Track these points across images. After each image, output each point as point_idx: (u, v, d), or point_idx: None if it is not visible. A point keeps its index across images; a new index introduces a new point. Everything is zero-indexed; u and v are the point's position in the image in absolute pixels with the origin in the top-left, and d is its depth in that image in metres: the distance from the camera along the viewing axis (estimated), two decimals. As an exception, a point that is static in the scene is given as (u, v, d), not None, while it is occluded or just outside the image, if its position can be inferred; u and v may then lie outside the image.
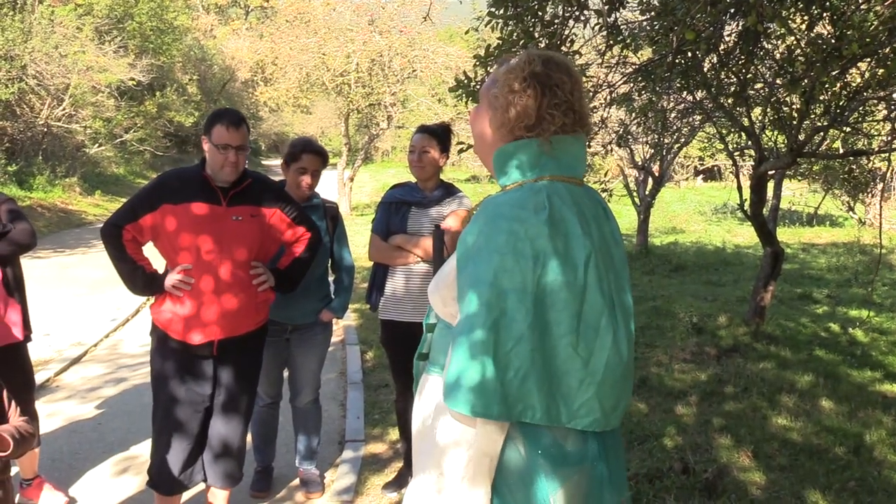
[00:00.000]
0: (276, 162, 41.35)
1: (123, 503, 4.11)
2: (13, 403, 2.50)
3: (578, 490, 1.64)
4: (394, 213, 3.97)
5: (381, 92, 20.51)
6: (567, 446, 1.65)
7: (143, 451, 4.76)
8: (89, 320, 8.25)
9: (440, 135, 3.92)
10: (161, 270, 3.35)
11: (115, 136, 24.12)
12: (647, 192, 14.07)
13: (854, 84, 5.69)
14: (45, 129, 20.14)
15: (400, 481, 4.21)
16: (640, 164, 13.85)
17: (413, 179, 4.07)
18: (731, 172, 18.90)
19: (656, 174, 13.65)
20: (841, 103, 5.62)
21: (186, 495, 3.64)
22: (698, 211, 23.64)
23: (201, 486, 3.57)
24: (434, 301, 1.88)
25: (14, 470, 3.33)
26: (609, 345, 1.67)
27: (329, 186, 22.08)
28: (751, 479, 4.29)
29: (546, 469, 1.63)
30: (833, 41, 4.81)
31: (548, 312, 1.61)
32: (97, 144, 23.26)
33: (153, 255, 3.36)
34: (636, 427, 4.99)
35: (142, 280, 3.27)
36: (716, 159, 18.55)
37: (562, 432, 1.65)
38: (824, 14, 5.11)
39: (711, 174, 33.90)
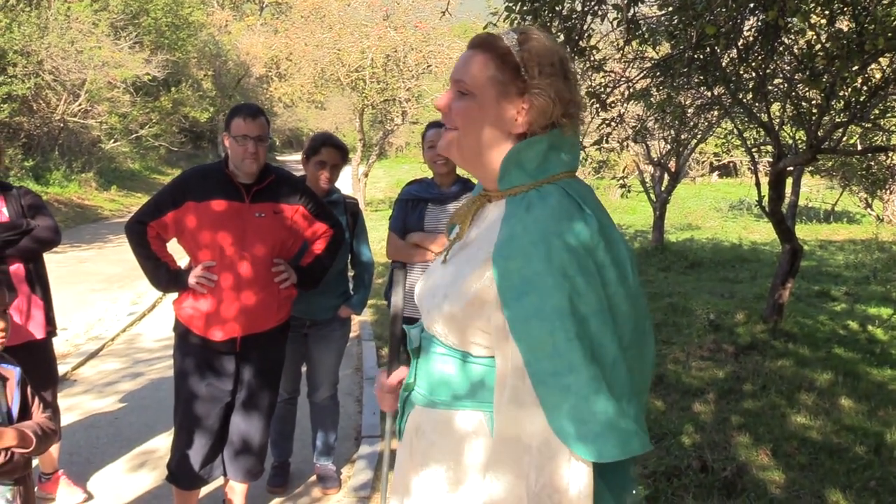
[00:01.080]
0: (290, 157, 41.48)
1: (141, 497, 4.12)
2: (36, 399, 2.50)
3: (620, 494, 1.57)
4: (411, 211, 3.96)
5: (395, 87, 20.49)
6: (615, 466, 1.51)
7: (160, 445, 4.77)
8: (106, 315, 8.29)
9: None
10: (184, 266, 3.36)
11: (130, 131, 24.26)
12: (662, 189, 14.01)
13: (875, 80, 5.64)
14: (62, 125, 20.25)
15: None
16: (656, 159, 13.79)
17: (429, 175, 4.06)
18: (748, 168, 18.81)
19: (672, 170, 13.59)
20: (862, 99, 5.57)
21: (204, 489, 3.64)
22: (714, 207, 23.54)
23: (219, 479, 3.58)
24: (445, 327, 1.62)
25: (33, 463, 3.34)
26: (651, 348, 1.59)
27: (344, 182, 22.08)
28: (770, 477, 4.26)
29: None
30: (854, 36, 4.76)
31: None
32: (113, 140, 23.39)
33: (177, 251, 3.36)
34: (654, 425, 4.96)
35: (165, 277, 3.29)
36: (732, 155, 18.47)
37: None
38: (846, 9, 5.06)
39: (726, 170, 33.76)
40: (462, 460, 1.59)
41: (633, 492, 1.62)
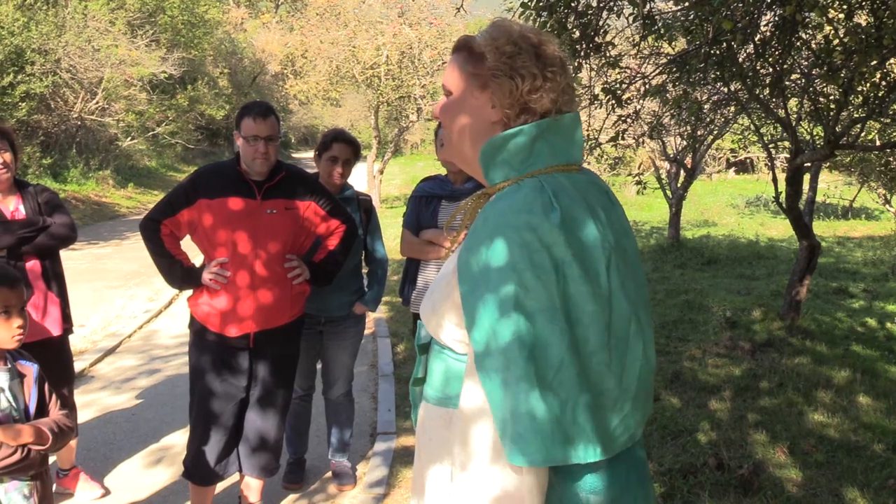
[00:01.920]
0: (305, 155, 41.59)
1: (158, 493, 4.14)
2: (54, 396, 2.52)
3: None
4: (424, 207, 3.96)
5: (410, 84, 20.49)
6: (600, 469, 1.47)
7: (176, 441, 4.80)
8: (123, 311, 8.34)
9: None
10: (198, 264, 3.38)
11: (147, 129, 24.39)
12: (679, 185, 13.93)
13: (894, 74, 5.58)
14: (79, 123, 20.37)
15: (432, 475, 4.19)
16: (672, 156, 13.72)
17: (443, 172, 4.06)
18: (765, 164, 18.70)
19: (688, 166, 13.51)
20: (880, 94, 5.52)
21: (220, 485, 3.66)
22: (730, 204, 23.41)
23: (235, 476, 3.60)
24: (428, 323, 1.65)
25: (51, 459, 3.37)
26: (640, 355, 1.51)
27: (359, 179, 22.16)
28: (787, 475, 4.23)
29: (580, 497, 1.47)
30: (873, 31, 4.72)
31: (574, 329, 1.40)
32: (130, 137, 23.52)
33: (191, 249, 3.38)
34: (669, 422, 4.94)
35: (179, 274, 3.31)
36: (749, 151, 18.35)
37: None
38: (864, 3, 5.02)
39: (743, 167, 33.55)
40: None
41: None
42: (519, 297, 1.36)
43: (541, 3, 4.84)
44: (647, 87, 6.27)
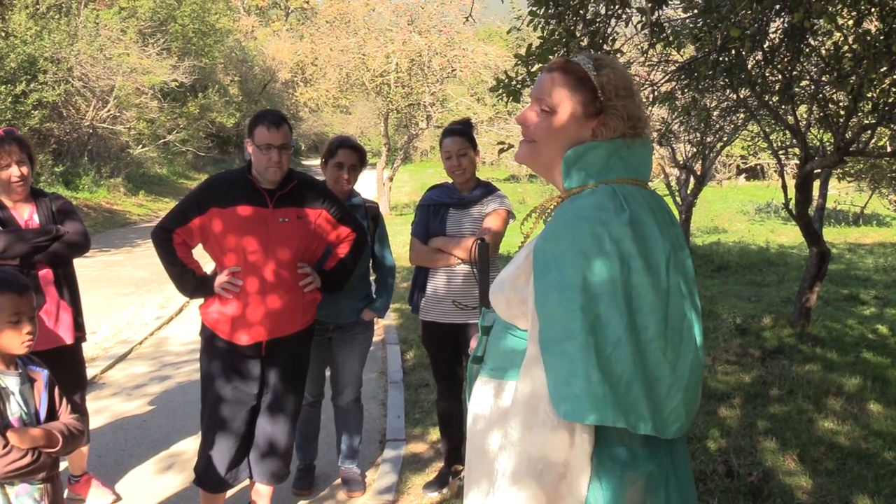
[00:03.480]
0: (315, 162, 41.65)
1: (168, 500, 4.16)
2: (64, 401, 2.54)
3: (645, 494, 1.61)
4: (432, 216, 3.98)
5: (420, 92, 20.55)
6: (636, 450, 1.62)
7: (187, 448, 4.82)
8: (134, 318, 8.38)
9: (469, 134, 3.94)
10: (210, 272, 3.40)
11: (158, 136, 24.49)
12: (688, 192, 13.90)
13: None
14: (91, 131, 20.49)
15: (441, 481, 4.20)
16: (681, 163, 13.70)
17: (450, 180, 4.07)
18: (775, 171, 18.63)
19: (698, 173, 13.48)
20: (890, 100, 5.51)
21: (230, 491, 3.68)
22: (741, 210, 23.31)
23: (245, 481, 3.61)
24: (497, 302, 1.84)
25: (62, 465, 3.39)
26: (693, 348, 1.67)
27: (368, 186, 22.19)
28: (797, 483, 4.22)
29: (614, 471, 1.60)
30: (882, 37, 4.72)
31: (636, 316, 1.57)
32: (141, 145, 23.63)
33: (203, 257, 3.41)
34: (679, 429, 4.92)
35: (192, 282, 3.33)
36: (759, 158, 18.28)
37: (631, 435, 1.61)
38: (873, 9, 5.02)
39: (754, 173, 33.45)
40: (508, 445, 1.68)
41: (640, 473, 1.64)
42: (586, 279, 1.56)
43: (550, 11, 4.85)
44: (655, 94, 6.28)
